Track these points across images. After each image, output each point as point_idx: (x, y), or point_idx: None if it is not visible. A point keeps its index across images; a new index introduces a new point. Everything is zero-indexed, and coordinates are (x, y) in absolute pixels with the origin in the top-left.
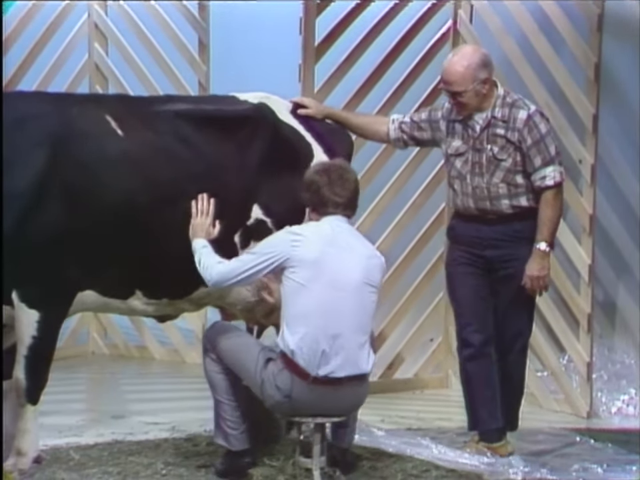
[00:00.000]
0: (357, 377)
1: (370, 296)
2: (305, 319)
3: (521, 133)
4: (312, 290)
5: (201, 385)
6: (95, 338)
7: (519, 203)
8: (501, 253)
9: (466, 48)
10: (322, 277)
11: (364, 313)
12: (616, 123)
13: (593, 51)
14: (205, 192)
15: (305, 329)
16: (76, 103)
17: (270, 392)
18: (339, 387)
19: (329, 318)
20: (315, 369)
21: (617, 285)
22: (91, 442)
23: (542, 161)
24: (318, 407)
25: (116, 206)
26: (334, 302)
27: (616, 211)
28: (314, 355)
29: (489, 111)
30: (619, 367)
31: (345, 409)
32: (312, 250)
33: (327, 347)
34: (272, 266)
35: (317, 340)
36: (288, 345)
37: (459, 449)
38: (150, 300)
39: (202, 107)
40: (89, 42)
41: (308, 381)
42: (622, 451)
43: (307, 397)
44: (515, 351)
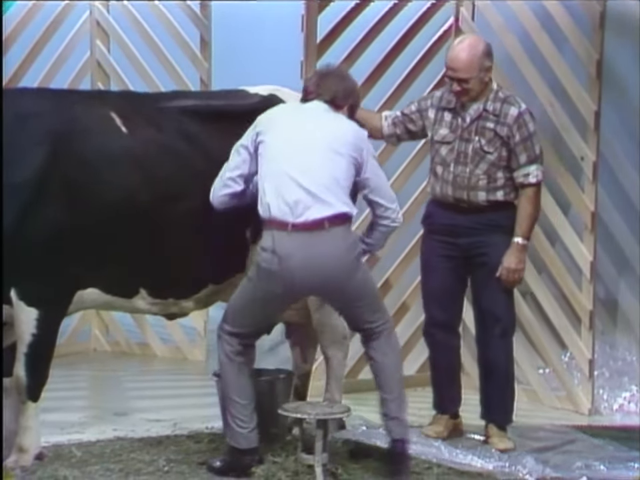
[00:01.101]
0: (336, 217)
1: (336, 158)
2: (274, 175)
3: (510, 129)
4: (277, 148)
5: (203, 382)
6: (97, 335)
7: (495, 197)
8: (475, 240)
9: (471, 37)
10: (284, 137)
11: (326, 168)
12: (618, 120)
13: (595, 48)
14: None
15: (275, 183)
16: (80, 99)
17: (254, 269)
18: (321, 230)
19: (297, 171)
20: (291, 217)
21: (619, 281)
22: (92, 439)
23: (527, 159)
24: (304, 256)
25: (118, 203)
26: (299, 159)
27: (618, 208)
28: (287, 204)
29: (481, 104)
30: (620, 364)
31: (333, 255)
32: (277, 124)
33: (299, 195)
34: (244, 154)
35: (288, 192)
36: (263, 203)
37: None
38: (155, 299)
39: (209, 103)
40: (91, 39)
41: (288, 229)
42: (623, 448)
43: (290, 247)
44: (495, 335)
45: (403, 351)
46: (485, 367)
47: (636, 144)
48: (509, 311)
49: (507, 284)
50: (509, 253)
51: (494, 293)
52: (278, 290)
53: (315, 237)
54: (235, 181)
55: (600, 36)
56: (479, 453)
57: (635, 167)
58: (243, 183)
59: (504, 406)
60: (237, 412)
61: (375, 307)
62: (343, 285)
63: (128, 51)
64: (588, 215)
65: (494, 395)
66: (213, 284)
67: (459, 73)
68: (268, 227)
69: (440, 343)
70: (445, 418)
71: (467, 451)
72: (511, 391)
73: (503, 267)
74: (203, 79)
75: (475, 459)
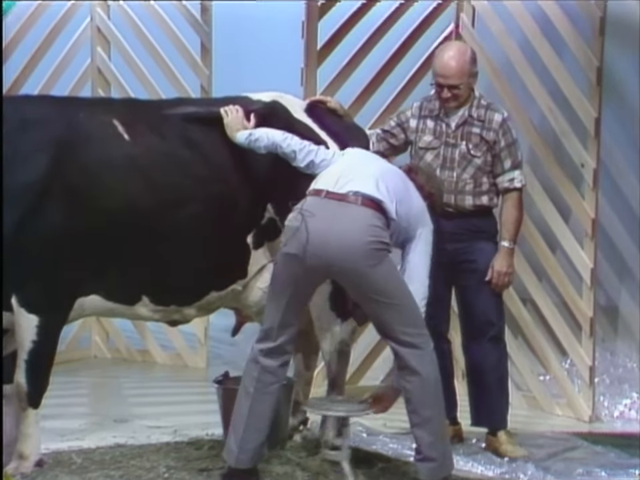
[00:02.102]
0: (371, 199)
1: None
2: (327, 171)
3: (496, 134)
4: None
5: (203, 389)
6: (97, 342)
7: (481, 202)
8: (461, 245)
9: (457, 44)
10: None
11: (388, 179)
12: (618, 127)
13: (595, 55)
14: (215, 195)
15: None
16: (84, 106)
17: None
18: (350, 203)
19: (351, 166)
20: (330, 188)
21: (619, 288)
22: (92, 445)
23: (512, 164)
24: (326, 218)
25: (120, 210)
26: (355, 168)
27: (618, 215)
28: (332, 180)
29: (466, 110)
30: (621, 371)
31: (354, 229)
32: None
33: (346, 176)
34: (313, 155)
35: (336, 177)
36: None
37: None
38: (157, 307)
39: (212, 109)
40: (92, 46)
41: (321, 195)
42: (624, 455)
43: (316, 208)
44: (486, 339)
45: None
46: (479, 373)
47: (636, 151)
48: (502, 316)
49: (497, 288)
50: (498, 257)
51: (487, 299)
52: (292, 249)
53: (342, 208)
54: (310, 164)
55: (600, 42)
56: (479, 459)
57: (636, 174)
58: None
59: (500, 411)
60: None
61: (407, 318)
62: (357, 268)
63: (129, 58)
64: (588, 221)
65: (491, 401)
66: (215, 291)
67: (450, 79)
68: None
69: None
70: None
71: (467, 458)
72: (506, 396)
73: (493, 271)
74: (204, 85)
75: (476, 465)
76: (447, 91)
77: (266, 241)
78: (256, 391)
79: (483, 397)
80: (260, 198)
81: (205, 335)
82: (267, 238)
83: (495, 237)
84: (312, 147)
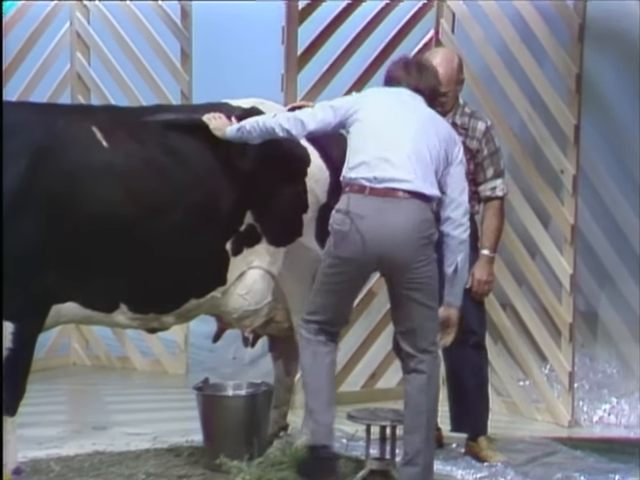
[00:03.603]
0: (413, 193)
1: (432, 139)
2: (362, 149)
3: (480, 142)
4: (367, 124)
5: (183, 396)
6: (77, 349)
7: None
8: (441, 253)
9: (445, 51)
10: (378, 114)
11: (423, 146)
12: (597, 134)
13: (575, 62)
14: (194, 202)
15: (361, 157)
16: (62, 113)
17: (329, 230)
18: (394, 199)
19: (386, 141)
20: (370, 183)
21: (599, 294)
22: (71, 453)
23: (494, 173)
24: (376, 219)
25: (98, 217)
26: (388, 134)
27: (597, 221)
28: (370, 175)
29: (450, 117)
30: (600, 376)
31: (403, 225)
32: (374, 102)
33: (383, 165)
34: (340, 115)
35: (373, 164)
36: (348, 175)
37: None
38: (135, 314)
39: (192, 116)
40: (71, 51)
41: (365, 192)
42: (603, 460)
43: (364, 209)
44: (468, 346)
45: (384, 364)
46: (460, 379)
47: (615, 157)
48: (484, 323)
49: (477, 296)
50: (478, 265)
51: (468, 306)
52: (346, 253)
53: (388, 204)
54: (322, 124)
55: (579, 49)
56: (459, 464)
57: (615, 180)
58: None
59: (481, 417)
60: (309, 400)
61: (431, 324)
62: (408, 263)
63: (108, 63)
64: (568, 228)
65: (471, 407)
66: (194, 298)
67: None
68: (345, 191)
69: None
70: None
71: (447, 462)
72: (486, 402)
73: (474, 278)
74: (184, 91)
75: (455, 470)
76: None
77: (245, 247)
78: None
79: (463, 403)
80: (239, 204)
81: (185, 342)
82: (247, 244)
83: (476, 244)
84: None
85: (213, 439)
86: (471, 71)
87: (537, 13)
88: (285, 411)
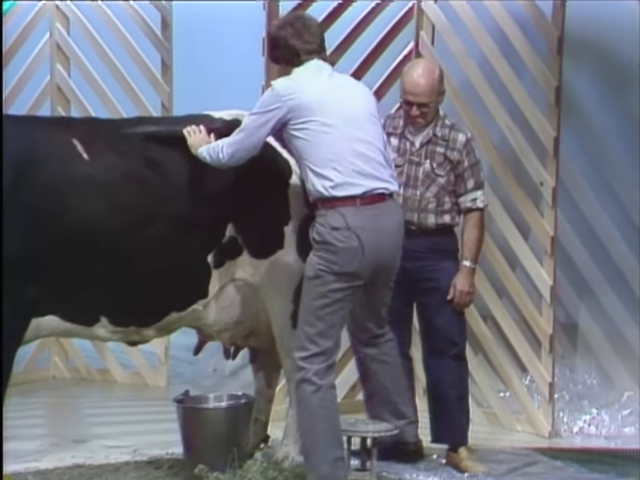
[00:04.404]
0: (390, 192)
1: (376, 126)
2: (333, 159)
3: (460, 154)
4: (328, 131)
5: (164, 408)
6: (56, 362)
7: (444, 221)
8: (422, 264)
9: (426, 62)
10: (332, 115)
11: (376, 139)
12: (577, 146)
13: (554, 75)
14: (175, 215)
15: (334, 166)
16: (42, 126)
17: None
18: (381, 204)
19: (353, 151)
20: (354, 192)
21: (579, 306)
22: (50, 466)
23: (474, 184)
24: (374, 229)
25: (78, 230)
26: (351, 134)
27: (577, 233)
28: (352, 184)
29: (430, 129)
30: (580, 387)
31: (394, 227)
32: (311, 93)
33: (360, 176)
34: (273, 120)
35: (350, 172)
36: (326, 188)
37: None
38: (116, 328)
39: (173, 128)
40: (51, 63)
41: (356, 204)
42: (583, 470)
43: (361, 221)
44: (448, 357)
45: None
46: (440, 390)
47: (595, 170)
48: (464, 334)
49: (458, 307)
50: (460, 277)
51: (449, 317)
52: (353, 268)
53: (379, 210)
54: (258, 139)
55: (558, 62)
56: (440, 474)
57: (595, 192)
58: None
59: (461, 427)
60: (322, 446)
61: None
62: (397, 262)
63: (88, 75)
64: (547, 239)
65: (451, 417)
66: (175, 311)
67: (419, 97)
68: (331, 205)
69: None
70: None
71: (428, 473)
72: (467, 412)
73: (455, 289)
74: (164, 102)
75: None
76: (415, 108)
77: (227, 259)
78: (323, 408)
79: (443, 414)
80: (220, 217)
81: (165, 354)
82: (228, 257)
83: (456, 255)
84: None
85: (194, 451)
86: (451, 83)
87: (516, 26)
88: (265, 422)
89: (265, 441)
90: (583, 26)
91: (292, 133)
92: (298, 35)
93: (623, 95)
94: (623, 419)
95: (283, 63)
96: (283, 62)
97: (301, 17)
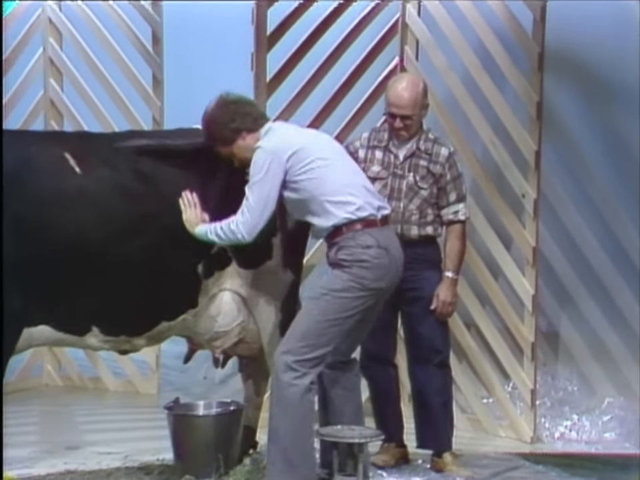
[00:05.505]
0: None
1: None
2: (346, 184)
3: (443, 167)
4: (330, 164)
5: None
6: (49, 370)
7: (426, 232)
8: (406, 274)
9: (410, 76)
10: (324, 151)
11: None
12: (558, 159)
13: (535, 90)
14: (165, 226)
15: (350, 191)
16: (35, 140)
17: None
18: (390, 225)
19: (356, 177)
20: (375, 211)
21: (560, 314)
22: (42, 473)
23: (457, 197)
24: (394, 248)
25: (70, 242)
26: (346, 164)
27: (558, 244)
28: (371, 204)
29: (414, 142)
30: (561, 393)
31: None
32: (297, 139)
33: (372, 197)
34: (278, 178)
35: (365, 194)
36: (351, 212)
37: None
38: (107, 337)
39: (164, 142)
40: (44, 77)
41: (377, 225)
42: (564, 474)
43: (387, 240)
44: (432, 365)
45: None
46: (425, 397)
47: (575, 181)
48: (448, 342)
49: (441, 317)
50: (443, 287)
51: (433, 326)
52: (384, 283)
53: (390, 231)
54: (270, 208)
55: (539, 78)
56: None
57: (575, 204)
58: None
59: (445, 433)
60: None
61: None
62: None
63: (81, 90)
64: (529, 249)
65: (436, 423)
66: (165, 321)
67: (403, 110)
68: (358, 227)
69: (377, 375)
70: (392, 446)
71: (413, 478)
72: (451, 418)
73: (438, 300)
74: (156, 117)
75: None
76: (399, 121)
77: (216, 270)
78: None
79: (428, 420)
80: None
81: (157, 362)
82: (217, 267)
83: (439, 265)
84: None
85: (184, 458)
86: (434, 98)
87: (499, 42)
88: (254, 429)
89: (254, 447)
90: (564, 42)
91: (295, 179)
92: (243, 106)
93: (602, 109)
94: (604, 424)
95: (244, 132)
96: (244, 131)
97: (226, 97)
